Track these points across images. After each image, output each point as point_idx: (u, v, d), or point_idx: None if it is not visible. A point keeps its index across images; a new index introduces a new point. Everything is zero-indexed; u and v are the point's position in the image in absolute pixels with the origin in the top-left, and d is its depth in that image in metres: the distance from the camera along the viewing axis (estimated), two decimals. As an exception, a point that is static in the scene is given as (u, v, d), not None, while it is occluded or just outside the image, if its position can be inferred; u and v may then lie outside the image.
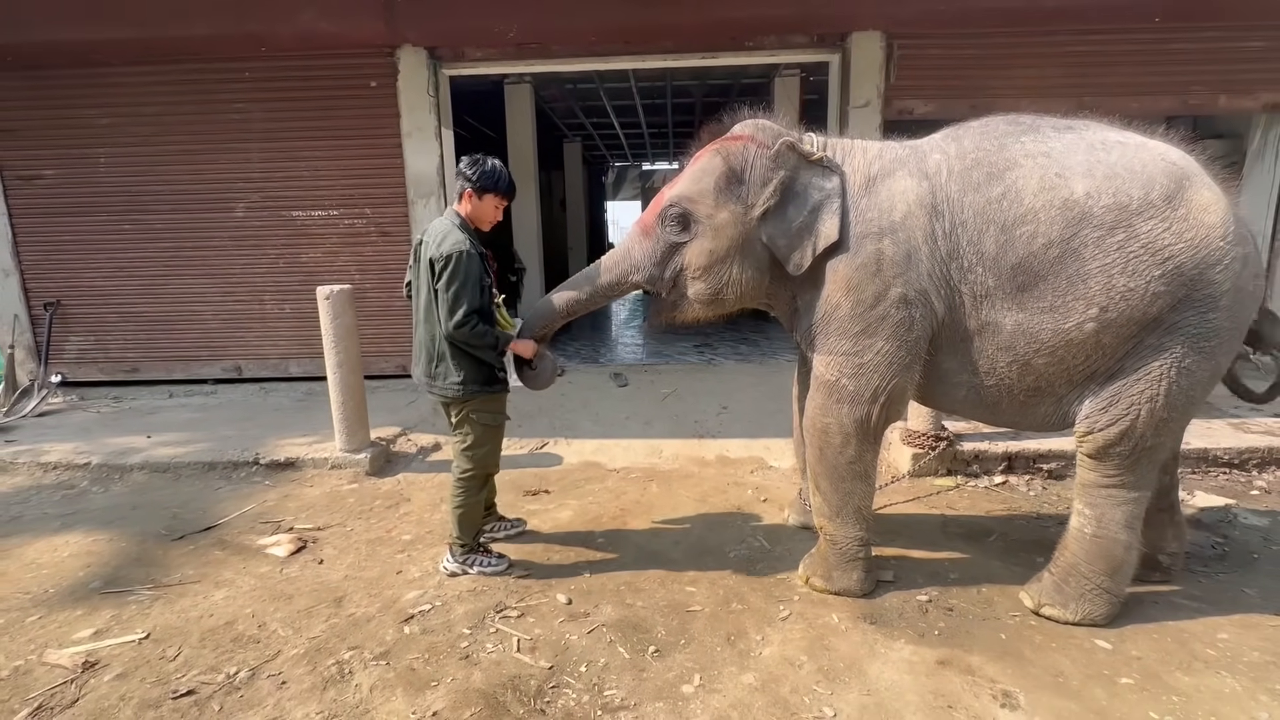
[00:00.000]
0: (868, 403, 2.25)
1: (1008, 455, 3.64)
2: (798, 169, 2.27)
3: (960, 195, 2.15)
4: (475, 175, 2.40)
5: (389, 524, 3.12)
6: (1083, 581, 2.20)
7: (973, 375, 2.24)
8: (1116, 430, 2.07)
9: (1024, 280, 2.07)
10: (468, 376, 2.43)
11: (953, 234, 2.15)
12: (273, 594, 2.48)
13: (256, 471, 3.77)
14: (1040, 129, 2.17)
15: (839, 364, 2.27)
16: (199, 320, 5.42)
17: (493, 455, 2.58)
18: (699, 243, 2.34)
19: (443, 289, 2.32)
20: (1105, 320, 2.00)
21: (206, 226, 5.27)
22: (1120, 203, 1.98)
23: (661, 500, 3.33)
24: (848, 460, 2.32)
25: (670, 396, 4.96)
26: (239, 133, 5.11)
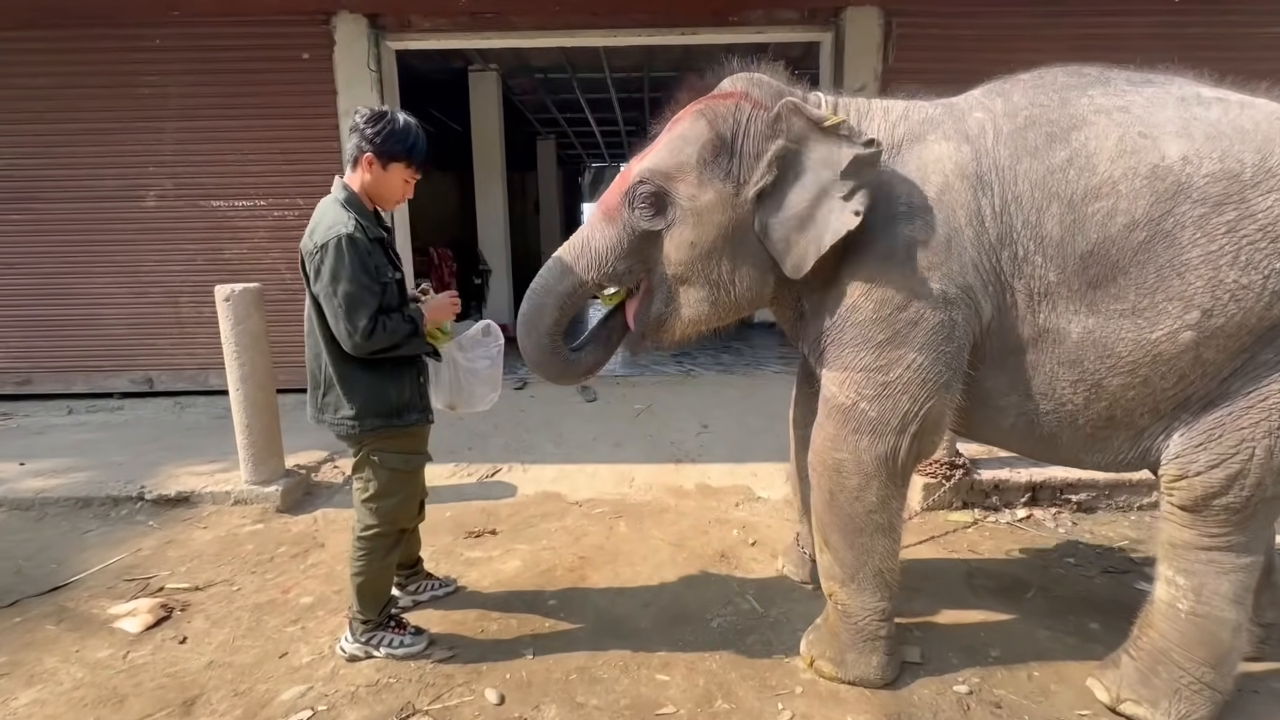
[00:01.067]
0: (894, 433, 1.71)
1: (1032, 485, 3.14)
2: (803, 138, 1.71)
3: (1012, 162, 1.64)
4: (377, 135, 1.80)
5: (290, 579, 2.50)
6: (1176, 673, 1.68)
7: (1024, 398, 1.72)
8: (1221, 475, 1.56)
9: (1097, 273, 1.57)
10: (363, 408, 1.85)
11: (1004, 212, 1.63)
12: (100, 694, 1.85)
13: (141, 509, 3.12)
14: (1111, 81, 1.67)
15: (858, 383, 1.72)
16: (104, 325, 4.72)
17: (405, 507, 1.98)
18: (678, 232, 1.77)
19: (324, 292, 1.74)
20: (1208, 328, 1.50)
21: (113, 218, 4.59)
22: (1230, 170, 1.48)
23: (630, 544, 2.76)
24: (866, 508, 1.78)
25: (644, 413, 4.40)
26: (150, 110, 4.46)
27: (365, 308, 1.73)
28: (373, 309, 1.74)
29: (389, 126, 1.81)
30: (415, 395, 1.94)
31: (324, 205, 1.83)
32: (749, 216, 1.75)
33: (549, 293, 1.87)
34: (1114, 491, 3.13)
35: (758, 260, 1.79)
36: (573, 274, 1.85)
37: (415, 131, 1.86)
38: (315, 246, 1.74)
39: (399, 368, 1.89)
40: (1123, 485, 3.12)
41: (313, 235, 1.76)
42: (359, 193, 1.86)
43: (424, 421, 1.98)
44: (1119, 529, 2.94)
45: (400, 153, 1.83)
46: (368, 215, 1.85)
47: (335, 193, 1.84)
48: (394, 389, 1.88)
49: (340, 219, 1.76)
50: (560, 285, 1.86)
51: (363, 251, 1.75)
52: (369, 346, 1.76)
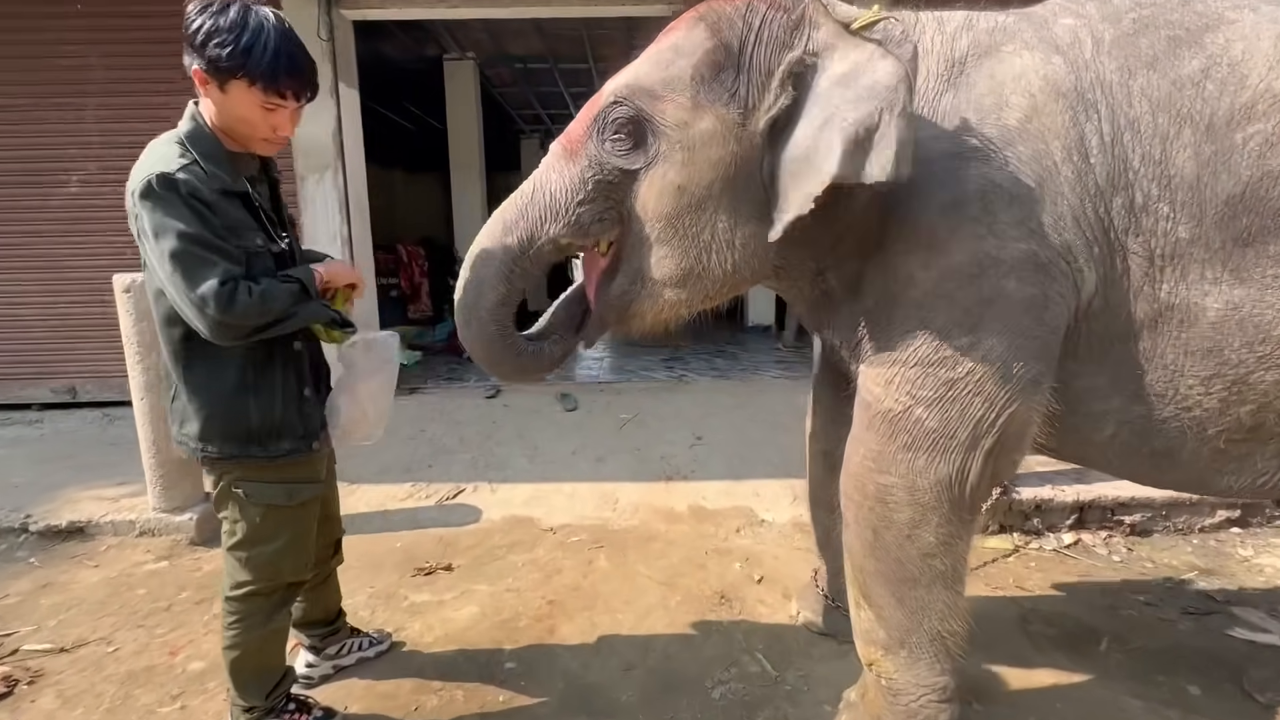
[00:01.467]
0: (962, 449, 1.26)
1: (1079, 505, 2.71)
2: (828, 48, 1.25)
3: (1123, 78, 1.21)
4: (202, 37, 1.23)
5: (184, 635, 2.00)
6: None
7: (1132, 401, 1.28)
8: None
9: (1250, 226, 1.14)
10: (208, 427, 1.34)
11: (1116, 144, 1.20)
12: None
13: (24, 543, 2.59)
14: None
15: (912, 381, 1.27)
16: (20, 328, 4.18)
17: (290, 555, 1.45)
18: (663, 171, 1.30)
19: (154, 255, 1.24)
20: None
21: (29, 206, 4.06)
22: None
23: (611, 584, 2.28)
24: (922, 551, 1.32)
25: (630, 424, 3.93)
26: (70, 84, 3.95)
27: (208, 266, 1.21)
28: (222, 267, 1.23)
29: (213, 21, 1.22)
30: (293, 415, 1.39)
31: (151, 145, 1.31)
32: (757, 154, 1.29)
33: (489, 261, 1.37)
34: (1172, 511, 2.70)
35: (765, 213, 1.32)
36: (519, 230, 1.36)
37: (258, 27, 1.25)
38: (132, 196, 1.24)
39: (265, 373, 1.37)
40: (1182, 504, 2.69)
41: (129, 186, 1.26)
42: (212, 127, 1.32)
43: (302, 451, 1.43)
44: (1182, 555, 2.51)
45: (236, 62, 1.23)
46: (219, 157, 1.31)
47: (182, 124, 1.32)
48: (255, 405, 1.34)
49: (164, 156, 1.25)
50: (504, 247, 1.37)
51: (191, 198, 1.23)
52: (233, 320, 1.23)
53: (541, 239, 1.35)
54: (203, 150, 1.28)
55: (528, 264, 1.37)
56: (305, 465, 1.44)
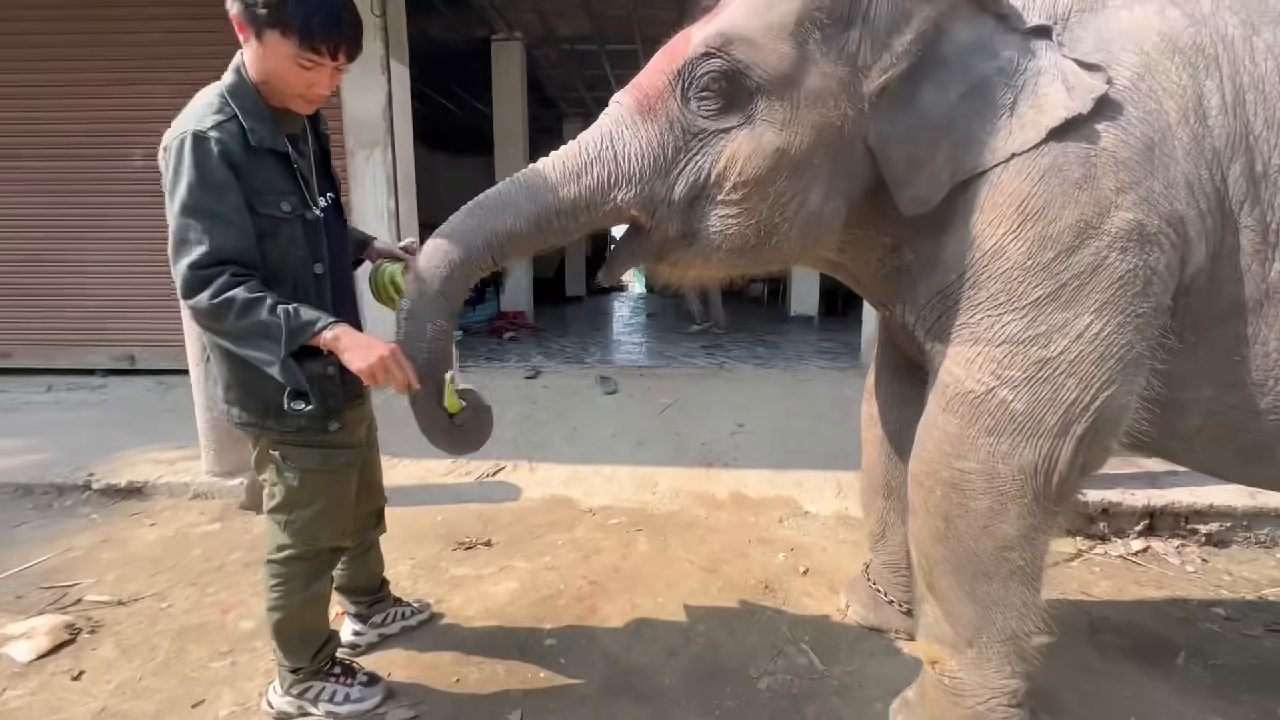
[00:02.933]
0: (1052, 435, 1.17)
1: (1149, 510, 2.54)
2: (953, 12, 1.17)
3: (1246, 33, 1.10)
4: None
5: (235, 595, 2.04)
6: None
7: (1226, 389, 1.19)
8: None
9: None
10: (246, 395, 1.31)
11: (1238, 105, 1.09)
12: (-57, 755, 1.41)
13: (86, 500, 2.69)
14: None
15: (998, 360, 1.18)
16: (86, 295, 4.36)
17: (329, 521, 1.43)
18: (759, 132, 1.18)
19: (170, 214, 1.21)
20: None
21: (97, 178, 4.22)
22: None
23: (652, 567, 2.24)
24: (999, 543, 1.23)
25: (671, 409, 3.87)
26: (140, 60, 4.07)
27: (191, 245, 1.17)
28: (204, 249, 1.17)
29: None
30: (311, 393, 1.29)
31: (196, 96, 1.29)
32: (864, 119, 1.20)
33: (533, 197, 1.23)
34: (1255, 522, 2.51)
35: (855, 186, 1.25)
36: (581, 184, 1.22)
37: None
38: (160, 154, 1.22)
39: None
40: (1266, 514, 2.50)
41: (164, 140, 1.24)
42: (256, 79, 1.28)
43: (316, 430, 1.35)
44: (1265, 569, 2.34)
45: (272, 13, 1.18)
46: (260, 113, 1.27)
47: (225, 76, 1.30)
48: (270, 380, 1.24)
49: (200, 113, 1.23)
50: (555, 195, 1.22)
51: (217, 160, 1.19)
52: (193, 306, 1.19)
53: (606, 204, 1.24)
54: (243, 105, 1.25)
55: (571, 223, 1.25)
56: (343, 429, 1.41)
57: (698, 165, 1.22)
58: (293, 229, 1.30)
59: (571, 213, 1.25)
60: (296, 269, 1.31)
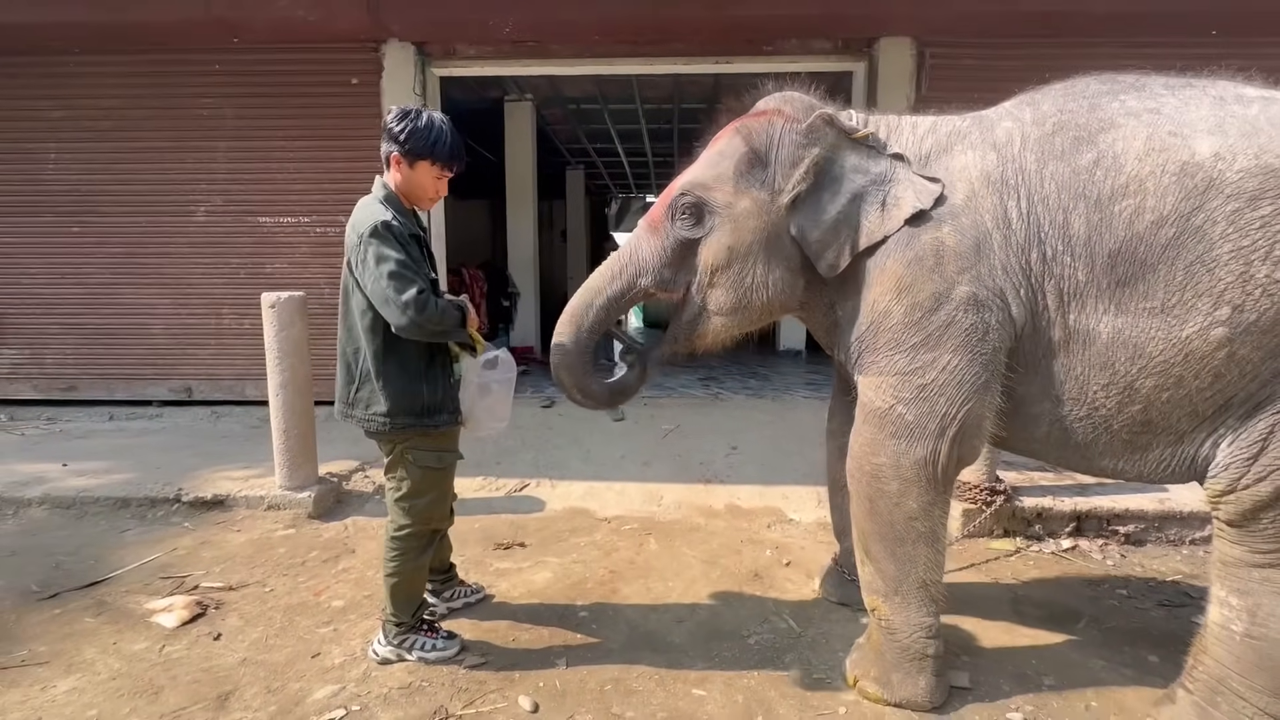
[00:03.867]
0: (933, 437, 1.69)
1: (1076, 514, 3.03)
2: (836, 148, 1.79)
3: (1039, 167, 1.64)
4: (403, 134, 1.82)
5: (321, 583, 2.50)
6: (1237, 703, 1.58)
7: (1056, 404, 1.69)
8: (1270, 488, 1.49)
9: (1125, 271, 1.54)
10: (396, 405, 1.86)
11: (1031, 214, 1.63)
12: (136, 685, 1.85)
13: (177, 510, 3.16)
14: (1147, 85, 1.65)
15: (894, 386, 1.72)
16: (147, 334, 4.86)
17: (437, 506, 1.98)
18: (716, 238, 1.87)
19: (371, 276, 1.76)
20: (1240, 324, 1.45)
21: (163, 231, 4.77)
22: (1267, 166, 1.44)
23: (661, 561, 2.71)
24: (907, 515, 1.74)
25: (672, 433, 4.37)
26: (206, 130, 4.66)
27: (412, 282, 1.74)
28: (420, 284, 1.76)
29: (412, 125, 1.83)
30: (446, 397, 1.94)
31: (363, 202, 1.87)
32: (783, 221, 1.83)
33: (599, 293, 1.94)
34: (1164, 524, 3.01)
35: (790, 263, 1.86)
36: (622, 279, 1.94)
37: (440, 129, 1.86)
38: (358, 238, 1.77)
39: (431, 369, 1.90)
40: (1174, 517, 3.00)
41: (356, 229, 1.80)
42: (396, 191, 1.90)
43: (453, 423, 1.98)
44: (1171, 563, 2.81)
45: (424, 150, 1.84)
46: (405, 212, 1.88)
47: (375, 191, 1.89)
48: (426, 389, 1.89)
49: (378, 211, 1.81)
50: (611, 288, 1.95)
51: (399, 238, 1.78)
52: (420, 319, 1.74)
53: (636, 289, 1.94)
54: (395, 208, 1.85)
55: (623, 303, 1.99)
56: (450, 436, 1.96)
57: (690, 262, 1.89)
58: (435, 286, 1.90)
59: (622, 294, 1.94)
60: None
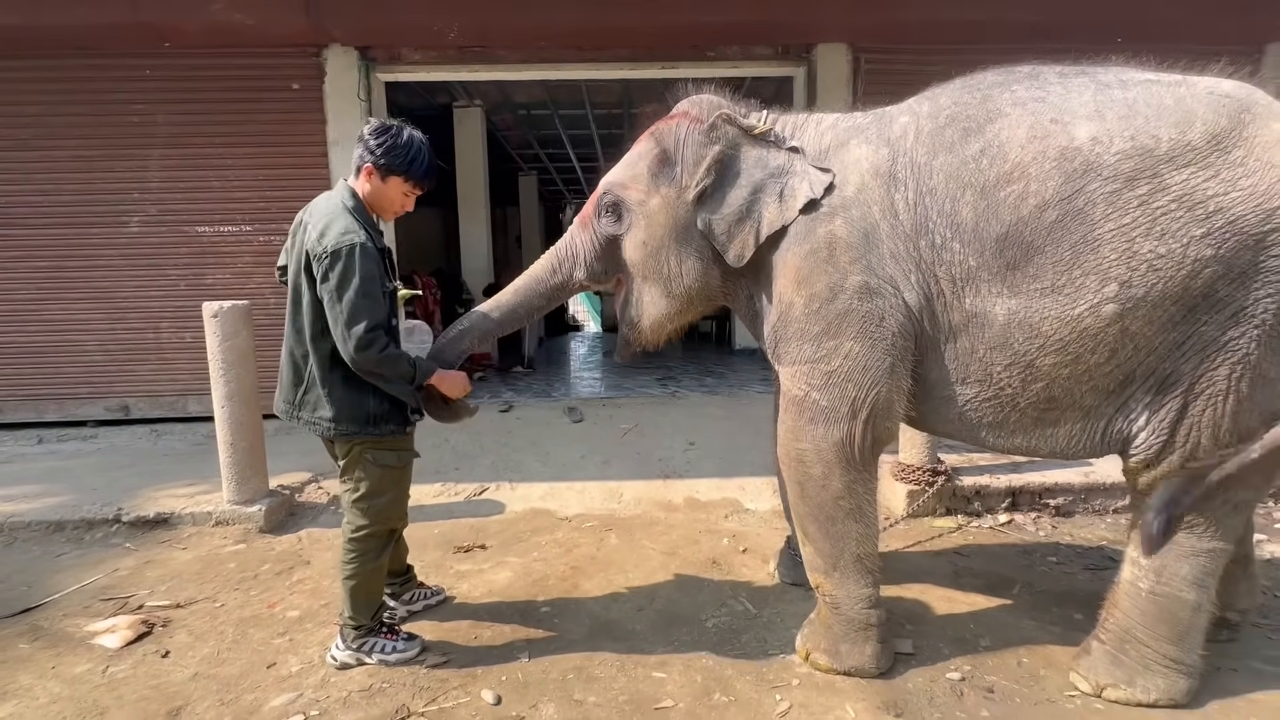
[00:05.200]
0: (846, 420, 1.78)
1: (1011, 490, 3.23)
2: (737, 144, 1.91)
3: (928, 159, 1.72)
4: (380, 148, 1.84)
5: (274, 595, 2.45)
6: (1143, 650, 1.73)
7: (965, 385, 1.77)
8: (1174, 461, 1.62)
9: (1014, 255, 1.62)
10: (341, 412, 1.86)
11: (919, 204, 1.72)
12: (80, 708, 1.79)
13: (117, 531, 3.03)
14: (1040, 75, 1.73)
15: (805, 375, 1.82)
16: (79, 351, 4.64)
17: (396, 506, 1.99)
18: (633, 233, 2.01)
19: (330, 297, 1.76)
20: (1129, 299, 1.53)
21: (92, 243, 4.57)
22: (1143, 146, 1.52)
23: (622, 554, 2.76)
24: (834, 495, 1.84)
25: (631, 432, 4.42)
26: (136, 137, 4.49)
27: (367, 317, 1.74)
28: (375, 320, 1.76)
29: (391, 140, 1.86)
30: (393, 408, 1.90)
31: (331, 208, 1.84)
32: (691, 215, 1.94)
33: (541, 282, 2.09)
34: (1090, 495, 3.23)
35: (702, 254, 1.98)
36: (560, 273, 2.10)
37: (418, 148, 1.89)
38: (325, 251, 1.75)
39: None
40: (1099, 489, 3.22)
41: (323, 238, 1.77)
42: (363, 201, 1.90)
43: (402, 433, 1.96)
44: (1097, 531, 3.02)
45: (399, 167, 1.87)
46: (372, 225, 1.89)
47: (343, 198, 1.86)
48: (374, 400, 1.87)
49: (349, 226, 1.79)
50: (551, 280, 2.11)
51: (372, 261, 1.78)
52: (360, 359, 1.75)
53: (573, 281, 2.10)
54: (364, 221, 1.86)
55: (563, 293, 2.14)
56: (406, 440, 1.94)
57: (617, 256, 2.03)
58: (389, 296, 1.90)
59: (561, 286, 2.08)
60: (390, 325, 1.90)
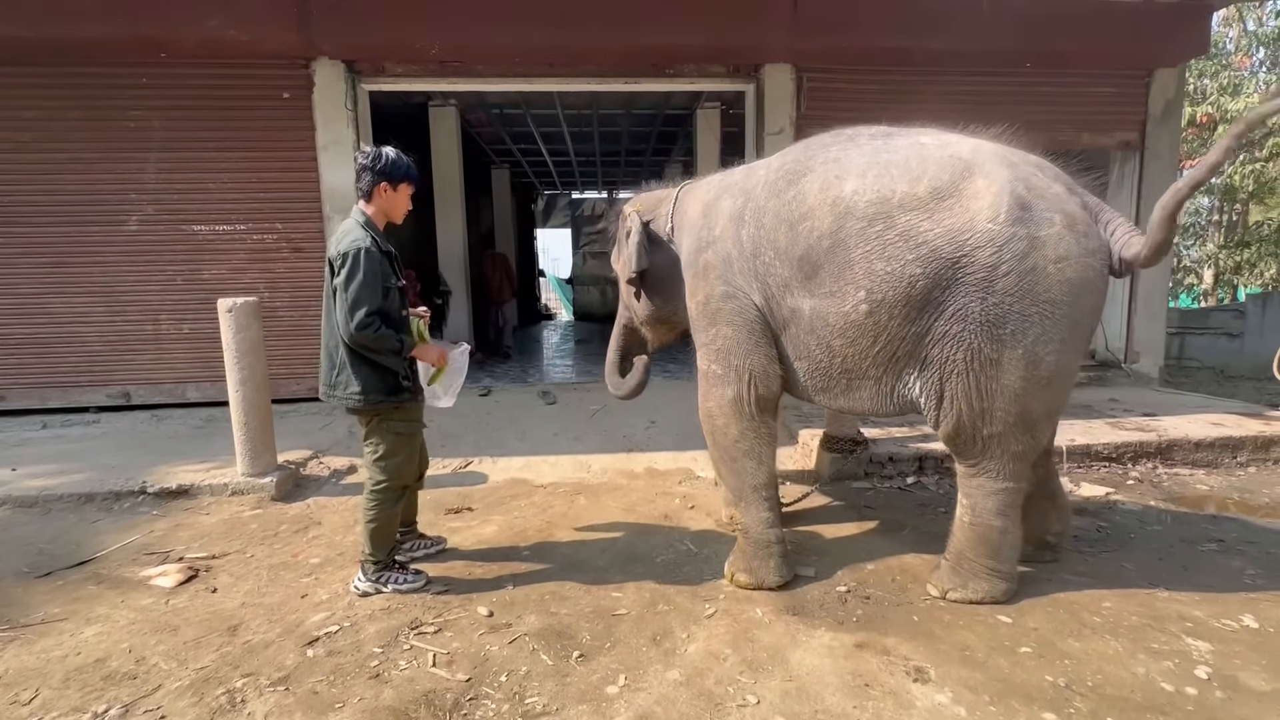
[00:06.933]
0: (735, 382, 2.47)
1: (919, 457, 3.84)
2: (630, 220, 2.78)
3: (766, 202, 2.38)
4: (385, 168, 2.34)
5: (295, 548, 2.90)
6: (972, 564, 2.33)
7: (798, 360, 2.41)
8: (951, 423, 2.20)
9: (809, 269, 2.25)
10: (368, 385, 2.33)
11: (756, 236, 2.39)
12: (155, 626, 2.24)
13: (143, 501, 3.43)
14: (857, 138, 2.34)
15: (705, 353, 2.56)
16: (80, 342, 4.95)
17: (408, 465, 2.47)
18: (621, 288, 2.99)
19: (340, 288, 2.24)
20: (874, 302, 2.12)
21: (92, 240, 4.86)
22: (882, 197, 2.12)
23: (589, 512, 3.28)
24: (733, 439, 2.50)
25: (599, 413, 4.94)
26: (134, 142, 4.79)
27: (365, 305, 2.21)
28: (371, 308, 2.22)
29: (389, 158, 2.36)
30: (407, 380, 2.42)
31: (347, 225, 2.35)
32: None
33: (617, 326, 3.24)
34: (983, 460, 3.85)
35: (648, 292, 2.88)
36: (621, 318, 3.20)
37: (405, 158, 2.41)
38: (339, 254, 2.25)
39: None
40: (989, 455, 3.84)
41: (339, 245, 2.27)
42: (371, 217, 2.38)
43: (414, 399, 2.47)
44: (986, 489, 3.63)
45: (403, 174, 2.39)
46: (380, 234, 2.36)
47: (355, 216, 2.37)
48: (390, 375, 2.37)
49: (360, 236, 2.27)
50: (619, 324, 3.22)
51: (375, 261, 2.25)
52: (359, 338, 2.23)
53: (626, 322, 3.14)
54: (373, 231, 2.34)
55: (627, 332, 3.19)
56: (414, 409, 2.44)
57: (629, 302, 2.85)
58: (396, 292, 2.35)
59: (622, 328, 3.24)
60: (396, 310, 2.36)
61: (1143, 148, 5.52)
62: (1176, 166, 5.76)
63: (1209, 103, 11.71)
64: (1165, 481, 3.68)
